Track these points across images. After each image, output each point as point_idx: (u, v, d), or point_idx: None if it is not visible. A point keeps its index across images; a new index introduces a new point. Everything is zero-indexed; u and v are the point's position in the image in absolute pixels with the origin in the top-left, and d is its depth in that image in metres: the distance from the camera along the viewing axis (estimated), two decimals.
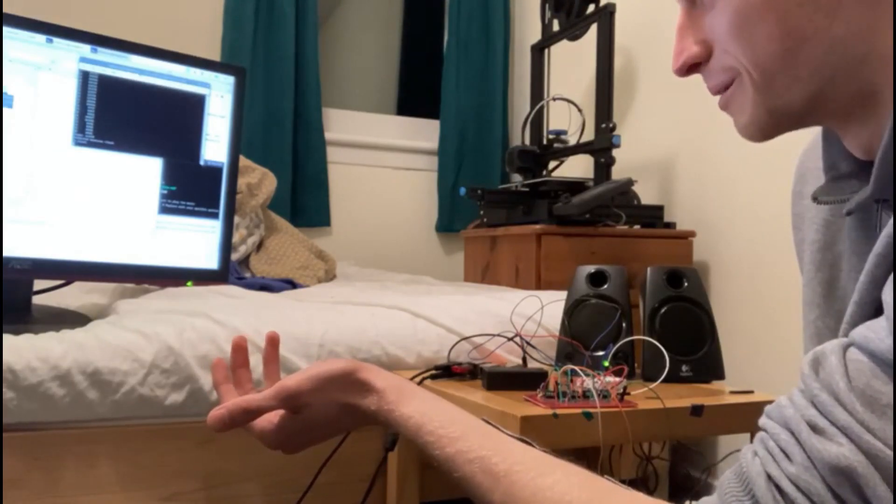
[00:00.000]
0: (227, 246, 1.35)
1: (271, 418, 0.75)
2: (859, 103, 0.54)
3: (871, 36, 0.52)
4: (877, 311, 0.47)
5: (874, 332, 0.45)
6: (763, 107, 0.56)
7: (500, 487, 0.56)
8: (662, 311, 1.14)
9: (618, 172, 2.06)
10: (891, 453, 0.42)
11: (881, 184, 0.52)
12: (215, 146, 1.32)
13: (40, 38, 1.16)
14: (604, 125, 2.04)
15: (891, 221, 0.47)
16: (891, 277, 0.46)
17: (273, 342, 0.86)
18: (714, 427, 1.02)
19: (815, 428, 0.45)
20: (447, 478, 0.61)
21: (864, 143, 0.57)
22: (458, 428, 0.62)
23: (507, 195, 2.22)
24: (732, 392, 1.05)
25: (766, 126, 0.58)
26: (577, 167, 2.38)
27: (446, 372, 1.13)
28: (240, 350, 0.85)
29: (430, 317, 1.29)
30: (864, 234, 0.61)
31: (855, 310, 0.50)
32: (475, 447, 0.60)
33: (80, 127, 1.19)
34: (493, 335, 1.21)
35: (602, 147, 2.03)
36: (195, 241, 1.31)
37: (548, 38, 2.40)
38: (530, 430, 0.87)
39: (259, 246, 2.02)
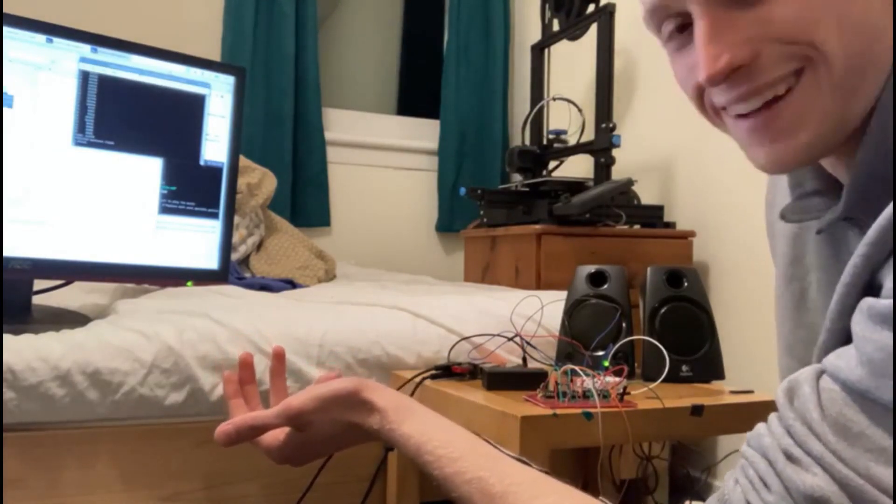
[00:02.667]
0: (227, 246, 1.35)
1: (277, 434, 0.77)
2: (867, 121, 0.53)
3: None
4: (847, 338, 0.48)
5: (844, 361, 0.46)
6: (837, 113, 0.50)
7: None
8: (662, 311, 1.14)
9: (618, 172, 2.06)
10: (862, 482, 0.43)
11: (851, 203, 0.52)
12: (215, 146, 1.32)
13: (40, 38, 1.16)
14: (604, 125, 2.04)
15: (859, 245, 0.47)
16: (860, 304, 0.46)
17: (279, 357, 0.88)
18: (714, 427, 1.02)
19: (790, 457, 0.46)
20: (448, 497, 0.62)
21: (852, 162, 0.55)
22: (457, 448, 0.62)
23: (507, 195, 2.22)
24: (732, 392, 1.05)
25: (829, 142, 0.52)
26: (577, 167, 2.38)
27: (446, 372, 1.13)
28: (246, 367, 0.86)
29: (430, 317, 1.29)
30: (832, 250, 0.61)
31: (827, 337, 0.50)
32: (473, 468, 0.60)
33: (80, 127, 1.19)
34: (493, 335, 1.21)
35: (602, 147, 2.03)
36: (195, 241, 1.31)
37: (548, 38, 2.40)
38: (530, 430, 0.87)
39: (259, 246, 2.02)
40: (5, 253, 1.13)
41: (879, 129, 0.50)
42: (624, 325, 1.15)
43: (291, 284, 1.82)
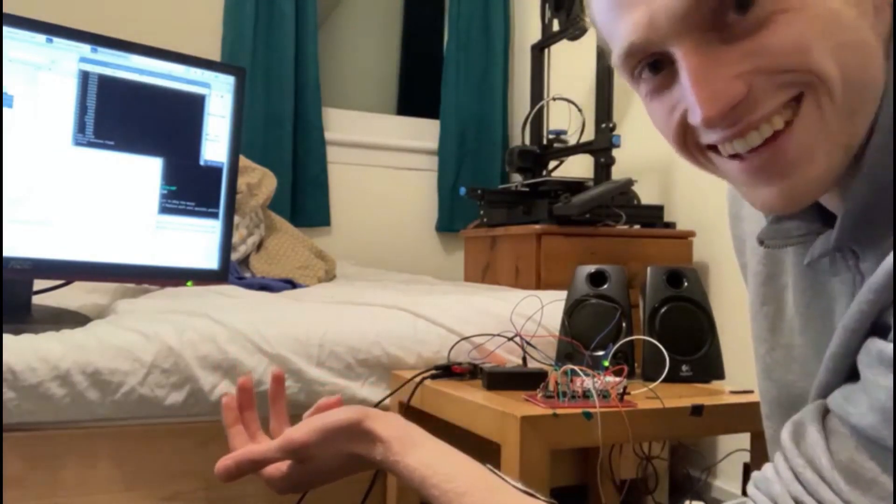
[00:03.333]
0: (227, 246, 1.35)
1: (279, 465, 0.76)
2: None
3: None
4: (848, 376, 0.47)
5: (853, 405, 0.45)
6: (842, 137, 0.48)
7: None
8: (662, 311, 1.14)
9: (618, 172, 2.06)
10: None
11: (844, 234, 0.51)
12: (215, 146, 1.32)
13: (40, 38, 1.16)
14: (604, 125, 2.04)
15: (861, 291, 0.46)
16: (866, 344, 0.46)
17: (278, 380, 0.87)
18: (714, 427, 1.02)
19: None
20: None
21: (841, 190, 0.53)
22: (463, 482, 0.62)
23: (507, 195, 2.22)
24: (732, 392, 1.05)
25: (835, 175, 0.49)
26: (577, 167, 2.38)
27: (446, 372, 1.13)
28: (246, 391, 0.84)
29: (430, 317, 1.29)
30: (811, 272, 0.59)
31: (830, 377, 0.49)
32: (479, 503, 0.60)
33: (80, 127, 1.19)
34: (493, 335, 1.21)
35: (602, 147, 2.03)
36: (195, 241, 1.31)
37: (548, 38, 2.40)
38: (530, 430, 0.87)
39: (259, 246, 2.02)
40: (5, 253, 1.13)
41: (876, 161, 0.49)
42: (624, 325, 1.15)
43: (291, 284, 1.82)
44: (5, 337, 1.04)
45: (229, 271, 1.40)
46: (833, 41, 0.46)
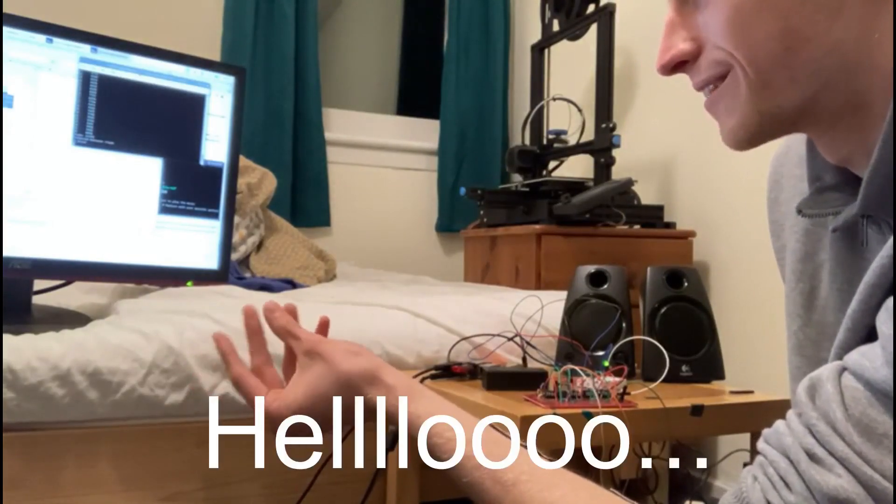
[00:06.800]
0: (227, 246, 1.35)
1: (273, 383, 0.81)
2: (848, 113, 0.54)
3: (868, 44, 0.51)
4: (869, 336, 0.48)
5: (869, 360, 0.45)
6: (755, 108, 0.55)
7: (509, 497, 0.57)
8: (662, 311, 1.14)
9: (618, 172, 2.06)
10: (887, 485, 0.43)
11: (868, 201, 0.52)
12: (215, 146, 1.32)
13: (40, 38, 1.16)
14: (604, 125, 2.04)
15: (885, 246, 0.46)
16: (886, 302, 0.46)
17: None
18: (714, 427, 1.02)
19: (813, 457, 0.46)
20: (453, 481, 0.62)
21: (843, 154, 0.57)
22: (466, 431, 0.63)
23: (507, 195, 2.22)
24: (732, 392, 1.06)
25: (756, 131, 0.56)
26: (577, 167, 2.38)
27: (446, 372, 1.13)
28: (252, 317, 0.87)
29: (430, 317, 1.29)
30: (848, 247, 0.60)
31: (848, 336, 0.50)
32: (484, 454, 0.60)
33: (80, 127, 1.19)
34: (493, 335, 1.21)
35: (602, 147, 2.03)
36: (195, 241, 1.31)
37: (548, 38, 2.40)
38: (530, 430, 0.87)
39: (259, 246, 2.02)
40: (5, 253, 1.12)
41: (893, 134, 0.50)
42: (624, 325, 1.15)
43: (291, 284, 1.82)
44: (5, 337, 1.04)
45: (229, 271, 1.40)
46: (755, 28, 0.53)
